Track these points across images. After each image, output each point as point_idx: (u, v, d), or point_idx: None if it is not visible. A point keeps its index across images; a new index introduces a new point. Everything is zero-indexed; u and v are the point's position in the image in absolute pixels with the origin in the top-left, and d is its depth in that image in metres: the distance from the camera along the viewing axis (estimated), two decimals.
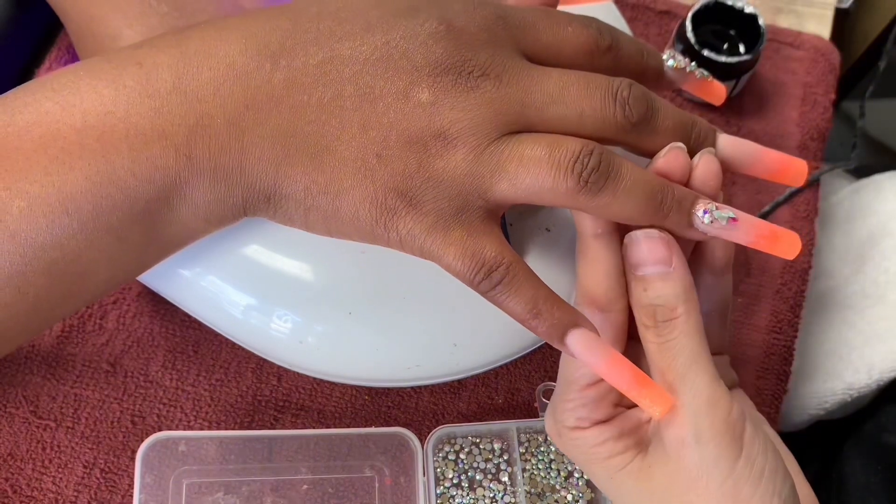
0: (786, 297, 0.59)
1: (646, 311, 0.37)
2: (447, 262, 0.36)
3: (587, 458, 0.39)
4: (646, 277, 0.37)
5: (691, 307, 0.37)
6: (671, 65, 0.42)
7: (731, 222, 0.36)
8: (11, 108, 0.34)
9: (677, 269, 0.37)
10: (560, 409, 0.39)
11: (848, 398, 0.65)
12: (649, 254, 0.37)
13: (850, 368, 0.65)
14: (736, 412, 0.36)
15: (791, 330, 0.58)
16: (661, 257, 0.36)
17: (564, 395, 0.39)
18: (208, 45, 0.36)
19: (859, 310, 0.67)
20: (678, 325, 0.36)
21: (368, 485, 0.49)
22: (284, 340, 0.45)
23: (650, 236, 0.37)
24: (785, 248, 0.37)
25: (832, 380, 0.65)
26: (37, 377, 0.51)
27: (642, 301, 0.37)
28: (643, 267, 0.37)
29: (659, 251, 0.37)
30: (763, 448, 0.36)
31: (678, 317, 0.36)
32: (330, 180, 0.35)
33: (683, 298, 0.37)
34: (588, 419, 0.39)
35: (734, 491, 0.35)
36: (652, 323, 0.37)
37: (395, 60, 0.36)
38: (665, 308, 0.36)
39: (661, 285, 0.37)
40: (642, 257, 0.37)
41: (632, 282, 0.38)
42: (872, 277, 0.67)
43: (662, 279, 0.37)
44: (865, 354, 0.65)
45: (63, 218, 0.33)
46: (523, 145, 0.35)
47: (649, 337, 0.37)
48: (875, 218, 0.70)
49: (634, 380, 0.35)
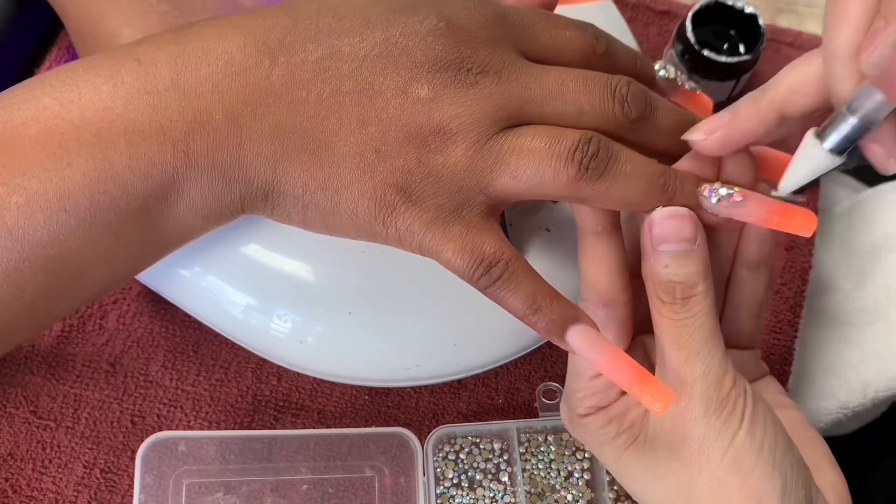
0: (786, 297, 0.59)
1: (664, 288, 0.37)
2: (446, 259, 0.36)
3: (597, 441, 0.40)
4: (668, 254, 0.37)
5: (709, 286, 0.37)
6: (662, 75, 0.43)
7: (738, 199, 0.36)
8: (10, 104, 0.34)
9: (700, 247, 0.37)
10: (571, 399, 0.40)
11: (843, 417, 0.65)
12: (675, 231, 0.36)
13: (846, 387, 0.64)
14: (739, 388, 0.37)
15: (791, 330, 0.58)
16: (687, 235, 0.37)
17: (574, 386, 0.40)
18: (207, 42, 0.36)
19: (859, 327, 0.66)
20: (697, 303, 0.37)
21: (368, 485, 0.49)
22: (284, 340, 0.45)
23: (678, 213, 0.37)
24: (799, 225, 0.36)
25: (826, 398, 0.65)
26: (37, 377, 0.51)
27: (661, 277, 0.37)
28: (667, 243, 0.37)
29: (686, 229, 0.37)
30: (764, 423, 0.37)
31: (697, 294, 0.37)
32: (328, 176, 0.35)
33: (703, 276, 0.37)
34: (597, 407, 0.40)
35: (735, 462, 0.36)
36: (670, 299, 0.37)
37: (395, 57, 0.36)
38: (685, 285, 0.37)
39: (683, 262, 0.37)
40: (666, 234, 0.37)
41: (650, 257, 0.37)
42: (873, 294, 0.66)
43: (686, 256, 0.37)
44: (862, 373, 0.64)
45: (61, 214, 0.33)
46: (522, 138, 0.35)
47: (665, 312, 0.37)
48: (878, 231, 0.69)
49: (635, 375, 0.35)
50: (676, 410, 0.37)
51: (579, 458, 0.49)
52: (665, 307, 0.37)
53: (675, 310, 0.37)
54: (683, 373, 0.37)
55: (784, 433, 0.37)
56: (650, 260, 0.37)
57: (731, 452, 0.36)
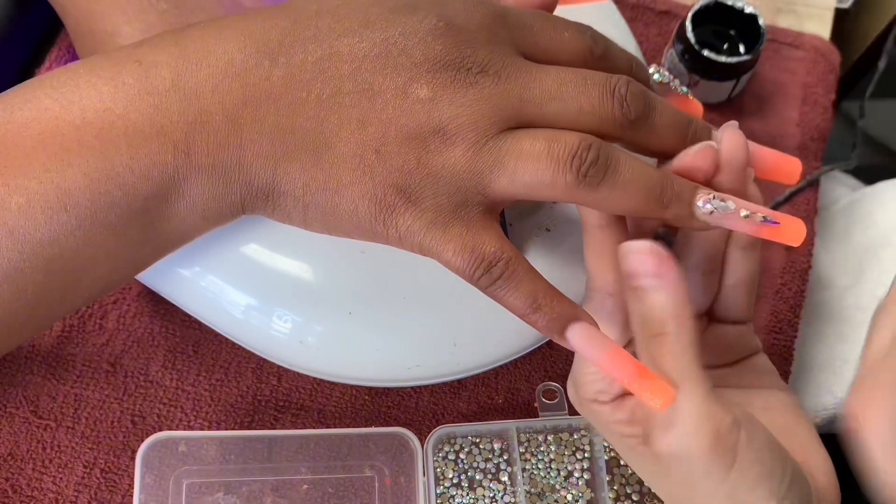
0: (786, 297, 0.59)
1: (637, 322, 0.37)
2: (446, 258, 0.36)
3: (605, 430, 0.40)
4: (638, 288, 0.36)
5: (682, 323, 0.35)
6: (656, 79, 0.43)
7: (731, 210, 0.36)
8: (11, 105, 0.34)
9: (668, 283, 0.35)
10: (580, 380, 0.40)
11: (840, 413, 0.65)
12: (639, 266, 0.36)
13: (842, 383, 0.64)
14: (727, 424, 0.35)
15: (791, 330, 0.58)
16: (650, 270, 0.35)
17: (583, 368, 0.39)
18: (207, 43, 0.36)
19: (855, 323, 0.66)
20: (666, 343, 0.35)
21: (368, 485, 0.49)
22: (284, 340, 0.45)
23: (640, 249, 0.36)
24: (790, 235, 0.36)
25: (823, 394, 0.65)
26: (37, 377, 0.51)
27: (634, 310, 0.37)
28: (635, 278, 0.36)
29: (648, 263, 0.35)
30: (759, 453, 0.36)
31: (668, 334, 0.35)
32: (328, 177, 0.35)
33: (673, 314, 0.35)
34: (606, 392, 0.39)
35: (731, 497, 0.36)
36: (644, 335, 0.36)
37: (394, 57, 0.36)
38: (655, 323, 0.36)
39: (651, 298, 0.36)
40: (633, 269, 0.36)
41: (627, 290, 0.37)
42: (870, 290, 0.66)
43: (653, 292, 0.36)
44: (857, 369, 0.64)
45: (61, 214, 0.33)
46: (522, 140, 0.35)
47: (642, 344, 0.37)
48: (875, 228, 0.69)
49: (635, 373, 0.35)
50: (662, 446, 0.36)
51: (579, 458, 0.49)
52: (642, 339, 0.37)
53: (650, 343, 0.36)
54: None
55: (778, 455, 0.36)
56: (626, 293, 0.37)
57: (724, 488, 0.35)
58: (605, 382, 0.39)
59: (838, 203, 0.73)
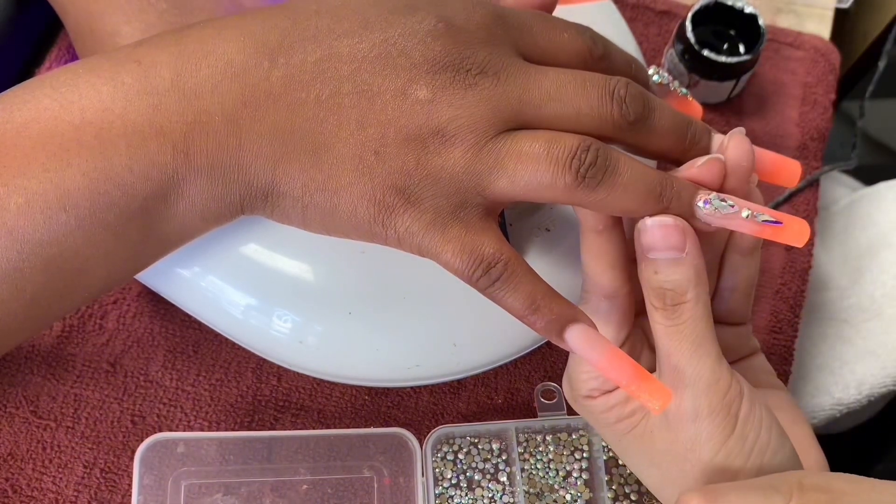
0: (786, 297, 0.59)
1: (655, 293, 0.37)
2: (445, 260, 0.36)
3: (598, 422, 0.41)
4: (657, 261, 0.37)
5: (701, 292, 0.37)
6: (656, 80, 0.43)
7: (732, 211, 0.36)
8: (10, 105, 0.34)
9: (690, 255, 0.36)
10: (575, 378, 0.41)
11: (838, 414, 0.65)
12: (662, 240, 0.36)
13: (841, 384, 0.64)
14: (734, 391, 0.37)
15: (791, 330, 0.58)
16: (674, 243, 0.36)
17: (578, 367, 0.40)
18: (207, 43, 0.36)
19: (854, 324, 0.66)
20: (687, 310, 0.36)
21: (367, 485, 0.49)
22: (284, 340, 0.45)
23: (665, 223, 0.36)
24: (793, 236, 0.37)
25: (821, 395, 0.65)
26: (37, 377, 0.51)
27: (652, 283, 0.37)
28: (655, 251, 0.37)
29: (673, 237, 0.36)
30: (757, 424, 0.37)
31: (687, 301, 0.36)
32: (328, 177, 0.35)
33: (694, 283, 0.36)
34: (599, 389, 0.40)
35: (724, 464, 0.37)
36: (661, 305, 0.37)
37: (394, 58, 0.36)
38: (675, 292, 0.36)
39: (672, 270, 0.36)
40: (654, 242, 0.36)
41: (642, 262, 0.37)
42: (869, 291, 0.66)
43: (675, 264, 0.36)
44: (857, 370, 0.64)
45: (61, 214, 0.33)
46: (521, 142, 0.35)
47: (657, 318, 0.37)
48: (875, 229, 0.69)
49: (633, 374, 0.35)
50: (672, 410, 0.37)
51: (578, 458, 0.49)
52: (657, 312, 0.37)
53: (667, 315, 0.37)
54: (676, 376, 0.37)
55: (778, 432, 0.38)
56: (641, 265, 0.37)
57: (721, 455, 0.37)
58: (600, 380, 0.40)
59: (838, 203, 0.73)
